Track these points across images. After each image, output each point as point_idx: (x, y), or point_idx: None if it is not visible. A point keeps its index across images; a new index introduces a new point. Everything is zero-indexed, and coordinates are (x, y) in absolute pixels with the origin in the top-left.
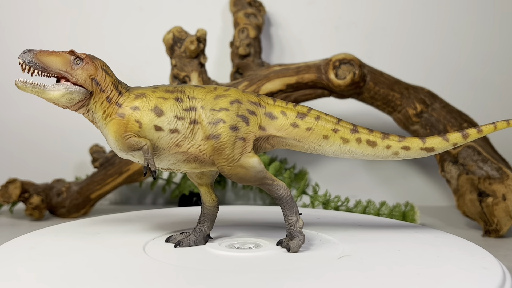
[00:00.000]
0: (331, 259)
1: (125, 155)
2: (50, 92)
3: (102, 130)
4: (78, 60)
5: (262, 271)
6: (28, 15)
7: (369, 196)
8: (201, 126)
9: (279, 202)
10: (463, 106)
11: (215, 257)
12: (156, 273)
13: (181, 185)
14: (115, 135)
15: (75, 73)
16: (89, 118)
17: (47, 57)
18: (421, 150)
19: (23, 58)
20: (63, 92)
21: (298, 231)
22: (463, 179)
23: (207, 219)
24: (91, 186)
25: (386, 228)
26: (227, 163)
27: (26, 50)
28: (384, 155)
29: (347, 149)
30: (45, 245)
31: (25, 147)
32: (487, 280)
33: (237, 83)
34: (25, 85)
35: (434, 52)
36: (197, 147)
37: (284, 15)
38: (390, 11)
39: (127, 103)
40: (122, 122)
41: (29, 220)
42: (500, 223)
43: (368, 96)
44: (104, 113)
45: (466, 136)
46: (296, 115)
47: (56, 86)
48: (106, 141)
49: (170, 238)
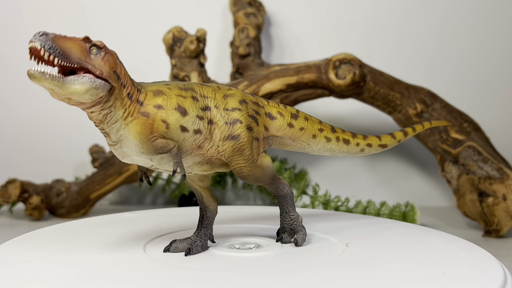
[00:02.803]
0: (332, 259)
1: (141, 159)
2: (71, 86)
3: (118, 131)
4: (95, 49)
5: (263, 272)
6: (28, 15)
7: (369, 196)
8: (217, 126)
9: (283, 199)
10: (463, 106)
11: (216, 257)
12: (156, 273)
13: (181, 185)
14: (139, 137)
15: (98, 64)
16: (99, 118)
17: (65, 43)
18: (379, 147)
19: (41, 42)
20: (88, 86)
21: (301, 225)
22: (464, 179)
23: (210, 222)
24: (90, 186)
25: (387, 229)
26: (248, 164)
27: (41, 32)
28: (354, 151)
29: (329, 147)
30: (45, 245)
31: (25, 147)
32: (488, 281)
33: (237, 83)
34: (43, 76)
35: (434, 52)
36: (216, 148)
37: (284, 15)
38: (391, 11)
39: (148, 101)
40: (147, 122)
41: (28, 220)
42: (500, 223)
43: (368, 96)
44: (124, 111)
45: (406, 133)
46: (291, 116)
47: (78, 78)
48: (120, 143)
49: (170, 247)
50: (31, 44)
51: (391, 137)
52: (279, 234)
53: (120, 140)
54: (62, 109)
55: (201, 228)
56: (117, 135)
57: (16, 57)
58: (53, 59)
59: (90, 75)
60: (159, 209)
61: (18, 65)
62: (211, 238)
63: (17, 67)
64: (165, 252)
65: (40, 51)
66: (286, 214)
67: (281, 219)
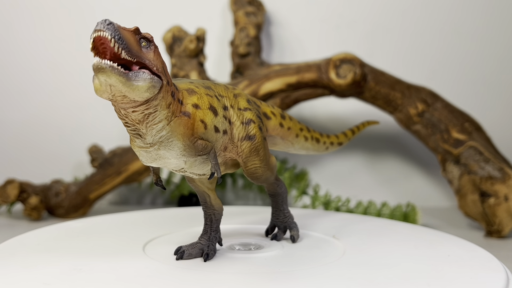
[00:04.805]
0: (333, 260)
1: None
2: (134, 83)
3: (159, 132)
4: (144, 42)
5: (264, 273)
6: (28, 15)
7: (370, 196)
8: (235, 126)
9: (279, 197)
10: (465, 106)
11: (217, 259)
12: (156, 274)
13: (180, 186)
14: (182, 138)
15: (152, 59)
16: (139, 118)
17: (125, 34)
18: (337, 145)
19: (111, 32)
20: (149, 83)
21: (294, 222)
22: (465, 180)
23: (218, 225)
24: (89, 186)
25: (388, 229)
26: (263, 164)
27: (107, 20)
28: (321, 149)
29: (306, 145)
30: (43, 245)
31: (24, 147)
32: (490, 282)
33: (237, 82)
34: (112, 70)
35: (435, 51)
36: (236, 149)
37: (285, 14)
38: (392, 10)
39: (186, 100)
40: (189, 122)
41: (27, 221)
42: (502, 223)
43: (369, 95)
44: (169, 111)
45: (353, 132)
46: (280, 116)
47: (139, 74)
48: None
49: (184, 255)
50: (99, 33)
51: (344, 136)
52: (268, 232)
53: (160, 142)
54: (61, 109)
55: (211, 231)
56: (156, 137)
57: (15, 57)
58: (120, 52)
59: (147, 71)
60: (158, 209)
61: (17, 65)
62: (220, 242)
63: (16, 67)
64: (178, 260)
65: (110, 42)
66: (280, 212)
67: (273, 217)
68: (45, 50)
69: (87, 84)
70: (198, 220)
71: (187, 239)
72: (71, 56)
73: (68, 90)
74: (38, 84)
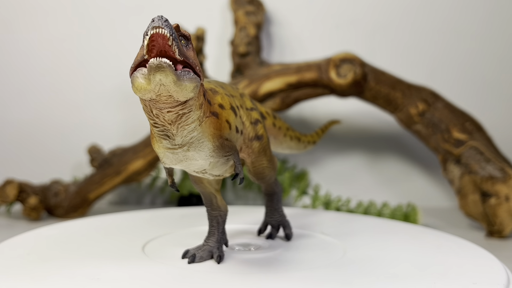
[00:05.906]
0: (333, 260)
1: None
2: (183, 83)
3: (191, 133)
4: (183, 40)
5: (265, 273)
6: (28, 15)
7: (370, 196)
8: (245, 127)
9: (275, 197)
10: (466, 106)
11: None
12: (155, 274)
13: (180, 186)
14: (213, 139)
15: (193, 58)
16: (171, 118)
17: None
18: (313, 143)
19: (169, 30)
20: (195, 82)
21: (287, 220)
22: (466, 180)
23: (224, 226)
24: (89, 186)
25: (388, 229)
26: (269, 163)
27: (164, 17)
28: (301, 148)
29: (291, 144)
30: (43, 245)
31: (23, 148)
32: (491, 283)
33: (237, 82)
34: (170, 69)
35: (436, 51)
36: (247, 149)
37: (285, 13)
38: (392, 9)
39: (213, 100)
40: (218, 122)
41: (26, 221)
42: (502, 223)
43: (370, 95)
44: (201, 111)
45: (322, 131)
46: (272, 115)
47: (185, 74)
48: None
49: (195, 258)
50: (158, 30)
51: (316, 135)
52: (261, 231)
53: (190, 143)
54: (60, 109)
55: (218, 233)
56: (187, 138)
57: (14, 57)
58: (175, 51)
59: (190, 70)
60: (158, 209)
61: (16, 65)
62: (226, 243)
63: (16, 67)
64: (190, 263)
65: (167, 40)
66: (275, 211)
67: (267, 216)
68: (45, 50)
69: (87, 84)
70: (198, 220)
71: (187, 239)
72: (71, 56)
73: (68, 90)
74: (37, 84)
